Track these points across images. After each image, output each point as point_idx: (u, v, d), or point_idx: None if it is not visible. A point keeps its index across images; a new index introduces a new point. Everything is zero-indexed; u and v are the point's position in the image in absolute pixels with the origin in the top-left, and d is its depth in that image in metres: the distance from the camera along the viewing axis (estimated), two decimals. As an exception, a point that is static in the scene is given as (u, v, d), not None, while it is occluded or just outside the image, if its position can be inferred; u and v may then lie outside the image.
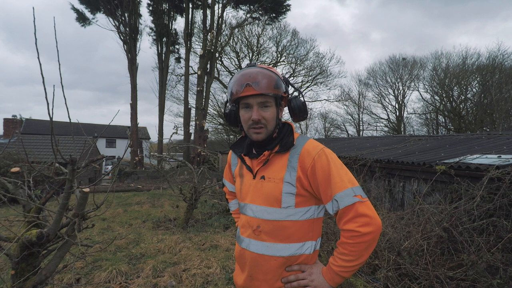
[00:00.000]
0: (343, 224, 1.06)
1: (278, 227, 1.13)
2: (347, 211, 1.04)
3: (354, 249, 1.03)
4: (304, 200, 1.13)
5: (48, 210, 1.99)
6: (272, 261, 1.14)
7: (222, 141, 31.36)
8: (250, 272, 1.20)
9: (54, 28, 1.43)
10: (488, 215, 3.17)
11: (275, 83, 1.14)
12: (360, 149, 7.62)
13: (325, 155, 1.10)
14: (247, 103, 1.15)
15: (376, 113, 31.16)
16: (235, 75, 1.18)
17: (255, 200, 1.18)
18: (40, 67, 1.47)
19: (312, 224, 1.16)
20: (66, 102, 1.55)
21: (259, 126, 1.15)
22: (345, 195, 1.04)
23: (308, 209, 1.14)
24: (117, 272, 3.39)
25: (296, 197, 1.12)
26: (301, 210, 1.13)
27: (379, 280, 3.09)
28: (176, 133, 11.89)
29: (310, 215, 1.15)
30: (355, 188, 1.06)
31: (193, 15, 18.90)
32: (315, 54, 33.18)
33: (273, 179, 1.14)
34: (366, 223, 1.01)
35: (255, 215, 1.18)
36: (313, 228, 1.16)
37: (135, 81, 18.53)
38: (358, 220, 1.02)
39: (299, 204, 1.13)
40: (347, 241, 1.04)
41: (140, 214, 7.05)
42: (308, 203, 1.14)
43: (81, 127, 2.39)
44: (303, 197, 1.13)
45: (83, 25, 19.04)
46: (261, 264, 1.16)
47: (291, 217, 1.13)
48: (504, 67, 20.39)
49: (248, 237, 1.21)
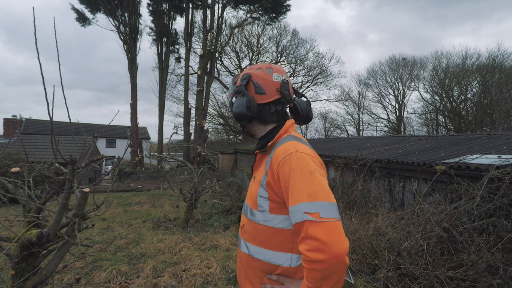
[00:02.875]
0: (298, 243, 0.93)
1: (255, 229, 1.11)
2: (299, 229, 0.91)
3: (309, 276, 0.88)
4: (279, 207, 1.04)
5: (48, 210, 1.99)
6: (252, 261, 1.12)
7: (222, 141, 31.37)
8: (239, 268, 1.23)
9: (54, 28, 1.43)
10: (488, 215, 3.17)
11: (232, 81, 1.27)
12: (360, 149, 7.62)
13: (290, 161, 0.98)
14: None
15: (376, 113, 31.20)
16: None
17: (247, 199, 1.20)
18: (40, 67, 1.47)
19: (291, 235, 1.03)
20: (66, 102, 1.55)
21: None
22: (296, 210, 0.91)
23: (286, 218, 1.03)
24: (117, 272, 3.39)
25: (270, 202, 1.05)
26: (277, 217, 1.04)
27: (379, 280, 3.09)
28: (176, 133, 11.90)
29: (288, 225, 1.03)
30: (312, 204, 0.89)
31: (193, 15, 18.94)
32: (315, 54, 33.43)
33: (257, 180, 1.13)
34: (316, 249, 0.85)
35: (245, 213, 1.20)
36: (293, 240, 1.03)
37: (135, 81, 18.55)
38: (307, 242, 0.87)
39: (275, 211, 1.04)
40: (303, 264, 0.90)
41: (140, 214, 7.05)
42: (285, 211, 1.02)
43: (81, 127, 2.39)
44: (277, 203, 1.04)
45: (83, 25, 19.07)
46: (244, 263, 1.17)
47: (267, 223, 1.06)
48: (504, 67, 20.38)
49: (239, 234, 1.23)
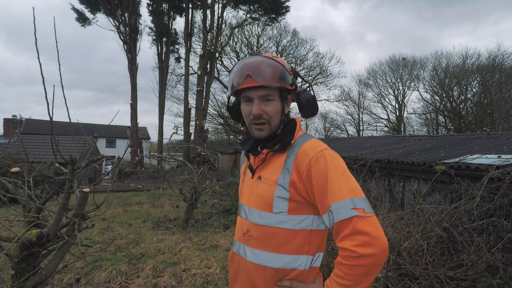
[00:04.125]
0: (338, 241, 0.90)
1: (268, 233, 1.02)
2: (343, 226, 0.88)
3: (351, 273, 0.86)
4: (299, 207, 1.00)
5: (48, 210, 1.99)
6: (261, 270, 1.03)
7: (222, 141, 31.36)
8: (241, 278, 1.11)
9: (54, 28, 1.43)
10: (488, 215, 3.17)
11: (280, 74, 1.01)
12: (360, 149, 7.62)
13: (324, 158, 0.95)
14: (248, 96, 1.04)
15: (376, 113, 31.19)
16: (236, 64, 1.06)
17: (249, 202, 1.10)
18: (40, 67, 1.47)
19: (308, 236, 1.01)
20: (66, 102, 1.55)
21: (260, 122, 1.04)
22: (341, 207, 0.89)
23: (305, 218, 1.01)
24: (117, 272, 3.39)
25: (290, 202, 1.00)
26: (295, 218, 1.00)
27: (379, 280, 3.09)
28: (176, 133, 11.91)
29: (307, 225, 1.01)
30: (356, 200, 0.89)
31: (193, 15, 18.95)
32: (315, 54, 33.27)
33: (268, 180, 1.04)
34: (366, 243, 0.84)
35: (247, 218, 1.10)
36: (310, 241, 1.02)
37: (135, 81, 18.56)
38: (355, 238, 0.86)
39: (293, 211, 1.00)
40: (342, 262, 0.88)
41: (140, 214, 7.05)
42: (305, 211, 1.01)
43: (81, 127, 2.39)
44: (298, 203, 1.00)
45: (83, 25, 19.08)
46: (249, 272, 1.06)
47: (283, 225, 1.01)
48: (504, 67, 20.39)
49: (238, 240, 1.12)
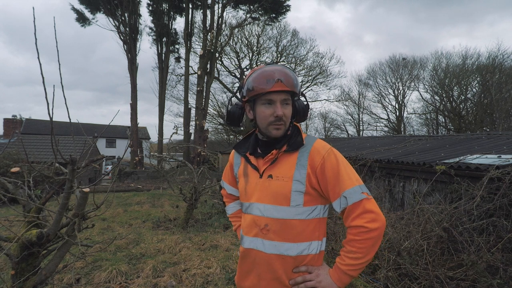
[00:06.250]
0: (351, 221, 1.09)
1: (286, 225, 1.15)
2: (355, 207, 1.08)
3: (362, 246, 1.06)
4: (311, 199, 1.16)
5: (48, 210, 1.99)
6: (280, 259, 1.16)
7: (222, 141, 31.35)
8: (258, 271, 1.20)
9: (54, 28, 1.43)
10: (488, 215, 3.17)
11: (296, 82, 1.19)
12: (360, 149, 7.62)
13: (334, 154, 1.16)
14: (270, 99, 1.16)
15: (376, 113, 31.19)
16: (257, 71, 1.19)
17: (262, 199, 1.19)
18: (40, 67, 1.47)
19: (318, 224, 1.19)
20: (66, 102, 1.55)
21: (280, 123, 1.18)
22: (353, 192, 1.08)
23: (315, 208, 1.17)
24: (117, 272, 3.39)
25: (305, 195, 1.15)
26: (308, 209, 1.16)
27: (379, 280, 3.09)
28: (176, 133, 11.94)
29: (316, 214, 1.18)
30: (362, 186, 1.11)
31: (193, 15, 18.93)
32: (314, 54, 33.40)
33: (282, 177, 1.17)
34: (373, 219, 1.05)
35: (263, 214, 1.19)
36: (319, 228, 1.19)
37: (135, 81, 18.55)
38: (365, 216, 1.06)
39: (307, 203, 1.16)
40: (354, 238, 1.07)
41: (140, 214, 7.05)
42: (315, 202, 1.17)
43: (81, 127, 2.39)
44: (311, 195, 1.16)
45: (83, 25, 19.07)
46: (269, 263, 1.17)
47: (299, 216, 1.15)
48: (504, 67, 20.40)
49: (255, 236, 1.21)
